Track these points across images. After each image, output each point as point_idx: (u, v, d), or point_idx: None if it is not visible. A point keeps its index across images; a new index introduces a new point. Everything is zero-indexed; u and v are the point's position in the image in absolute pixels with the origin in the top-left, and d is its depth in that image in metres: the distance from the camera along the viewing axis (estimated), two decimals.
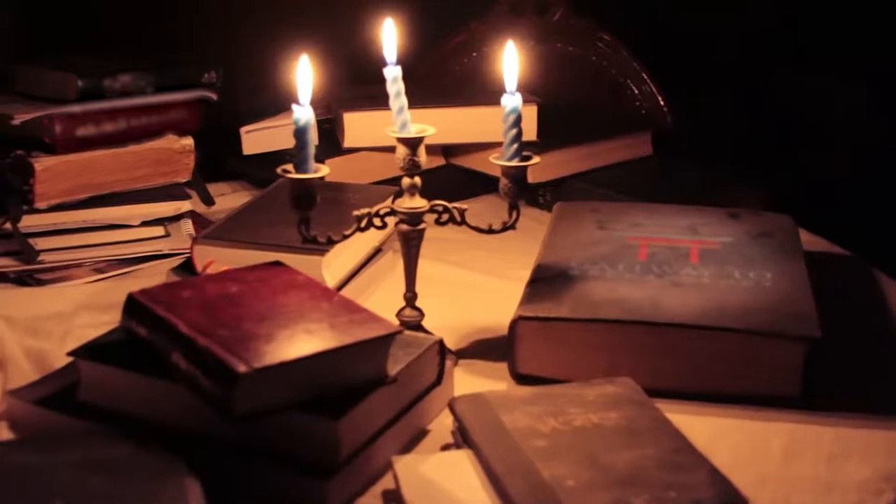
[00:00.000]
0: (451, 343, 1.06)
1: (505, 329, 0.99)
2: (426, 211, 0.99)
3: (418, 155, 0.97)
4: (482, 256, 1.27)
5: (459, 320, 1.11)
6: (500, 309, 1.05)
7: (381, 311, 1.03)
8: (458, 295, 1.17)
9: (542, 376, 0.98)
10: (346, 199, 1.20)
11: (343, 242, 1.02)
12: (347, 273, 1.12)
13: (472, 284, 1.19)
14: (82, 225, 1.22)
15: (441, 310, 1.13)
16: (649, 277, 1.04)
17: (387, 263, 1.21)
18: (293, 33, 1.52)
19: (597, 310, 0.98)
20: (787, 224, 1.19)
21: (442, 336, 1.05)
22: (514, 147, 0.99)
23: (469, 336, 1.08)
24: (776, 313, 0.97)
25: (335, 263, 1.09)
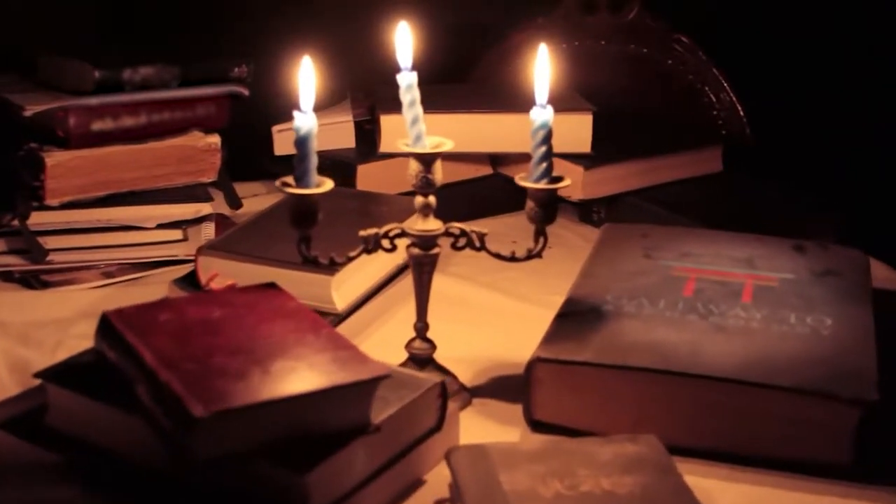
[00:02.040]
0: (467, 378, 0.96)
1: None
2: (440, 234, 0.89)
3: (433, 172, 0.87)
4: (519, 278, 1.16)
5: (480, 352, 1.01)
6: (527, 341, 0.94)
7: (393, 340, 0.95)
8: (484, 321, 1.07)
9: (560, 424, 0.88)
10: (374, 210, 1.10)
11: (358, 261, 0.93)
12: (361, 295, 1.02)
13: (502, 310, 1.09)
14: (95, 225, 1.14)
15: (461, 338, 1.03)
16: (692, 318, 0.93)
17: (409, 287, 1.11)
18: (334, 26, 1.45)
19: (625, 355, 0.87)
20: (858, 260, 1.06)
21: (456, 371, 0.96)
22: (543, 167, 0.89)
23: (488, 371, 0.98)
24: (830, 369, 0.85)
25: (347, 284, 1.00)
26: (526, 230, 1.32)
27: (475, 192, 1.30)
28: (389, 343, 0.97)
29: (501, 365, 0.99)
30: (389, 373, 0.74)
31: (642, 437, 0.82)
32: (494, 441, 0.83)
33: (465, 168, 1.29)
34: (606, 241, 1.10)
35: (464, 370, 0.98)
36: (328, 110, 1.30)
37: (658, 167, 1.29)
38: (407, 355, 0.92)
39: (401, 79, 0.87)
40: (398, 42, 0.87)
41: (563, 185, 0.89)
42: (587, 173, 1.23)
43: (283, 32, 1.36)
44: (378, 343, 0.98)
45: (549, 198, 0.89)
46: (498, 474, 0.76)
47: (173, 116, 1.20)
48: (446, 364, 0.97)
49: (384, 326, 1.03)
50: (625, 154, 1.28)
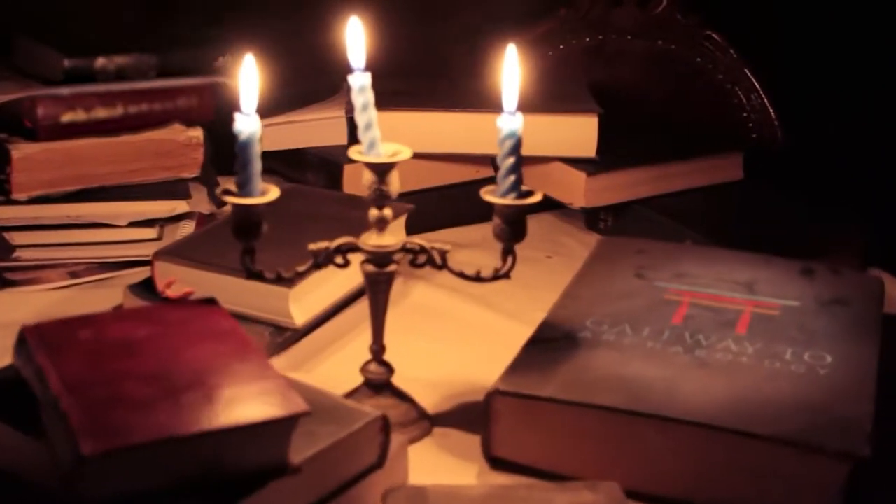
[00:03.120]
0: (431, 404, 0.88)
1: None
2: (397, 250, 0.82)
3: (388, 183, 0.80)
4: (512, 291, 1.08)
5: (450, 374, 0.93)
6: (502, 363, 0.87)
7: (356, 360, 0.88)
8: (462, 339, 0.99)
9: (521, 463, 0.80)
10: (354, 216, 1.02)
11: (323, 272, 0.86)
12: (325, 309, 0.95)
13: (485, 327, 1.01)
14: (65, 221, 1.09)
15: (433, 357, 0.96)
16: (675, 350, 0.84)
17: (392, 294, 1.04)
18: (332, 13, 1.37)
19: (592, 391, 0.79)
20: (872, 287, 0.96)
21: (421, 395, 0.89)
22: (511, 180, 0.80)
23: (456, 397, 0.90)
24: (820, 416, 0.76)
25: (308, 297, 0.93)
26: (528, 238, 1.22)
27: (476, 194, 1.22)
28: (352, 363, 0.90)
29: (472, 390, 0.90)
30: (309, 410, 0.67)
31: (603, 484, 0.74)
32: (440, 483, 0.76)
33: (465, 170, 1.21)
34: (599, 256, 1.01)
35: (429, 394, 0.90)
36: (320, 104, 1.24)
37: (671, 174, 1.20)
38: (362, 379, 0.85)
39: (353, 80, 0.79)
40: (349, 39, 0.80)
41: (532, 202, 0.81)
42: (590, 179, 1.15)
43: (278, 19, 1.30)
44: (339, 362, 0.91)
45: (517, 214, 0.81)
46: None
47: (152, 108, 1.13)
48: (411, 386, 0.90)
49: (350, 345, 0.96)
50: (634, 159, 1.19)
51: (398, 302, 1.05)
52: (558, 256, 1.16)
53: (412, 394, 0.88)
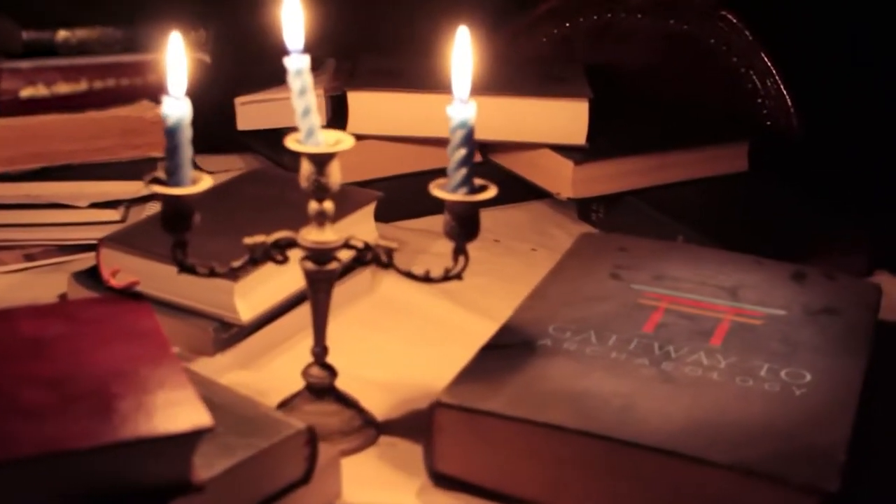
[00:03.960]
0: (382, 409, 0.82)
1: None
2: (339, 247, 0.76)
3: (327, 175, 0.74)
4: (487, 285, 1.02)
5: (407, 377, 0.87)
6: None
7: (307, 359, 0.83)
8: (425, 337, 0.93)
9: (466, 480, 0.74)
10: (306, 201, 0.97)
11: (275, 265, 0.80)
12: (277, 304, 0.89)
13: (452, 324, 0.95)
14: (23, 201, 1.04)
15: (390, 358, 0.90)
16: (641, 361, 0.78)
17: (359, 286, 0.99)
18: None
19: (541, 407, 0.72)
20: (867, 295, 0.88)
21: (372, 399, 0.83)
22: (462, 174, 0.74)
23: (408, 402, 0.84)
24: (790, 443, 0.69)
25: (257, 291, 0.87)
26: (515, 228, 1.19)
27: None
28: (305, 362, 0.85)
29: (429, 395, 0.83)
30: (212, 426, 0.61)
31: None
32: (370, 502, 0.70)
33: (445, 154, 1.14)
34: (576, 253, 0.94)
35: (382, 399, 0.84)
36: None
37: (669, 164, 1.12)
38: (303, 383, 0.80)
39: (289, 63, 0.73)
40: (286, 19, 0.73)
41: (485, 198, 0.74)
42: (578, 168, 1.07)
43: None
44: (290, 361, 0.85)
45: (468, 211, 0.74)
46: None
47: (119, 84, 1.08)
48: (362, 389, 0.84)
49: (303, 343, 0.89)
50: (628, 148, 1.11)
51: (364, 295, 1.00)
52: (544, 249, 1.10)
53: (363, 397, 0.83)
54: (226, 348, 0.86)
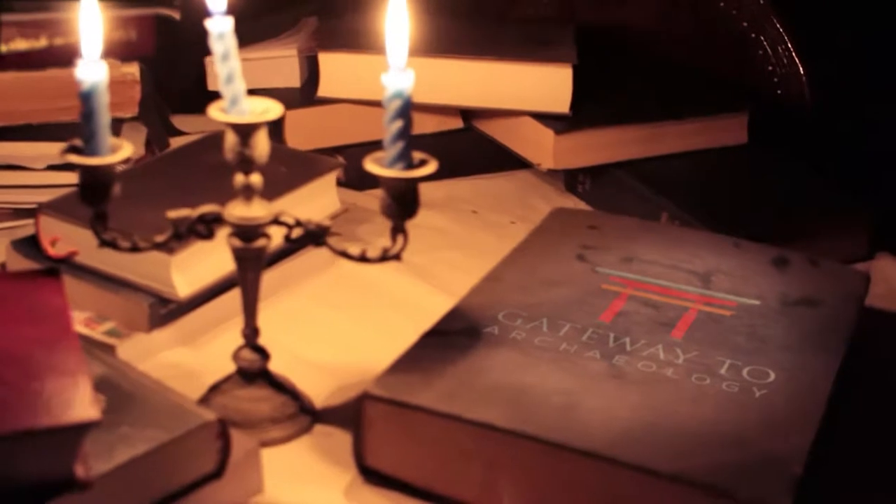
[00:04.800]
0: (323, 395, 0.78)
1: None
2: (268, 223, 0.71)
3: (252, 146, 0.69)
4: (458, 261, 0.96)
5: (357, 360, 0.82)
6: None
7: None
8: (383, 317, 0.88)
9: (396, 477, 0.69)
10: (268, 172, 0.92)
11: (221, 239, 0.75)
12: (220, 280, 0.84)
13: (413, 302, 0.89)
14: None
15: (342, 339, 0.85)
16: (591, 354, 0.72)
17: (318, 259, 0.93)
18: None
19: (475, 403, 0.67)
20: (853, 285, 0.82)
21: (314, 384, 0.78)
22: (399, 148, 0.68)
23: (353, 388, 0.78)
24: (742, 451, 0.63)
25: (199, 266, 0.82)
26: (496, 198, 1.13)
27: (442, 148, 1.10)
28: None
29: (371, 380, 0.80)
30: (98, 419, 0.57)
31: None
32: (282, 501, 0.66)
33: (427, 120, 1.08)
34: (545, 230, 0.88)
35: (324, 384, 0.79)
36: (272, 42, 1.12)
37: (660, 135, 1.05)
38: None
39: (211, 25, 0.68)
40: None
41: (423, 174, 0.69)
42: (559, 138, 1.01)
43: None
44: (229, 342, 0.78)
45: (405, 188, 0.69)
46: None
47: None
48: (305, 373, 0.79)
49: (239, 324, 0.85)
50: (615, 117, 1.04)
51: (323, 270, 0.94)
52: (524, 223, 1.04)
53: (305, 381, 0.78)
54: (163, 324, 0.81)
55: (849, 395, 0.76)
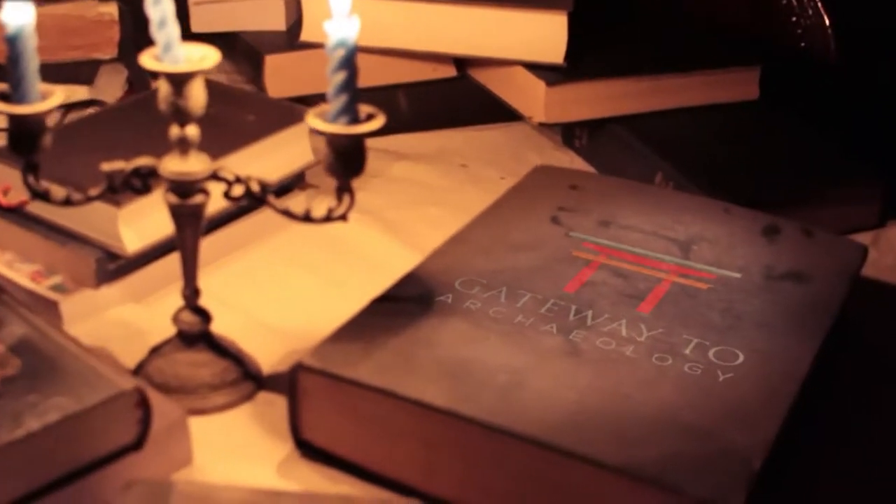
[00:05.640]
0: (273, 360, 0.73)
1: None
2: (206, 178, 0.67)
3: (187, 96, 0.64)
4: (437, 218, 0.91)
5: (312, 323, 0.77)
6: None
7: (208, 295, 0.74)
8: (351, 278, 0.83)
9: (333, 453, 0.65)
10: (234, 120, 0.87)
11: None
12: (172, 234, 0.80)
13: (382, 261, 0.84)
14: None
15: (301, 299, 0.81)
16: (548, 328, 0.67)
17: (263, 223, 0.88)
18: None
19: (412, 378, 0.62)
20: (848, 259, 0.75)
21: (264, 349, 0.74)
22: (343, 101, 0.63)
23: (303, 353, 0.75)
24: (696, 443, 0.58)
25: (150, 220, 0.77)
26: (489, 151, 1.07)
27: (434, 97, 1.05)
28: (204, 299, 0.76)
29: None
30: None
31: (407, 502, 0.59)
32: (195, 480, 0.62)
33: (420, 68, 1.03)
34: (521, 189, 0.83)
35: (276, 348, 0.75)
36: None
37: (662, 89, 0.99)
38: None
39: None
40: None
41: (368, 130, 0.64)
42: (551, 90, 0.95)
43: None
44: (179, 303, 0.76)
45: (349, 145, 0.64)
46: None
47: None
48: (259, 336, 0.75)
49: (208, 277, 0.79)
50: (612, 69, 0.98)
51: (291, 226, 0.89)
52: (515, 178, 0.98)
53: (259, 345, 0.74)
54: (111, 281, 0.77)
55: (835, 380, 0.71)
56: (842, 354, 0.73)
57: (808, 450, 0.65)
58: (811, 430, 0.66)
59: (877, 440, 0.68)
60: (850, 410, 0.70)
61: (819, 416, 0.68)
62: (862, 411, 0.70)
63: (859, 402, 0.71)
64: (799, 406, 0.63)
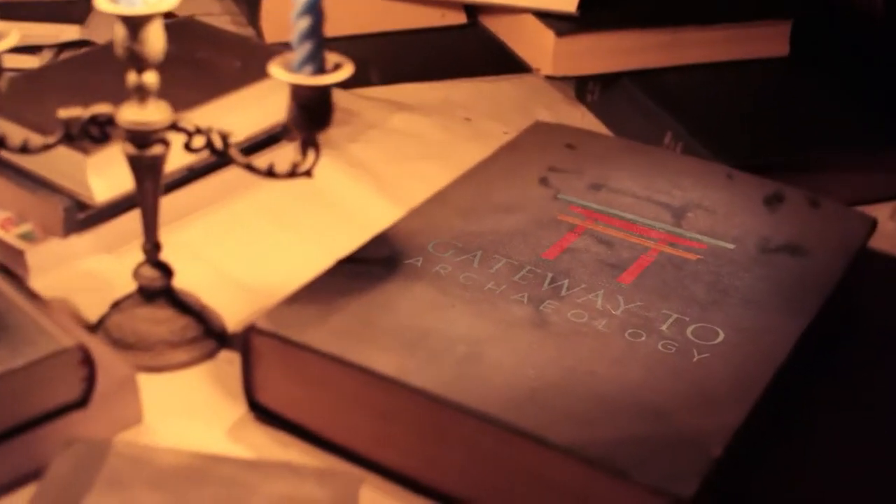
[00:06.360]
0: (240, 318, 0.70)
1: None
2: (164, 128, 0.63)
3: (143, 41, 0.61)
4: (432, 173, 0.86)
5: (287, 281, 0.73)
6: None
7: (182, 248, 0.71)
8: (329, 233, 0.79)
9: (286, 417, 0.62)
10: (225, 63, 0.84)
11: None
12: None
13: (369, 218, 0.79)
14: None
15: (278, 255, 0.78)
16: (518, 298, 0.63)
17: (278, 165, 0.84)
18: None
19: (367, 346, 0.59)
20: (853, 234, 0.70)
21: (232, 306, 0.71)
22: (307, 49, 0.59)
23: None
24: (655, 426, 0.54)
25: (120, 169, 0.74)
26: (496, 104, 1.03)
27: (443, 45, 1.01)
28: (177, 251, 0.72)
29: None
30: None
31: (342, 477, 0.55)
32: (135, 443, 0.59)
33: (427, 13, 0.98)
34: (515, 147, 0.79)
35: (244, 305, 0.72)
36: None
37: (680, 42, 0.94)
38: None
39: None
40: None
41: (334, 81, 0.60)
42: (560, 41, 0.90)
43: None
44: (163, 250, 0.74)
45: (313, 96, 0.60)
46: (82, 498, 0.53)
47: None
48: (227, 292, 0.73)
49: (178, 232, 0.77)
50: (628, 20, 0.92)
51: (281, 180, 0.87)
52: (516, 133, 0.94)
53: (228, 303, 0.71)
54: (80, 230, 0.75)
55: (834, 362, 0.67)
56: (844, 334, 0.69)
57: (794, 437, 0.61)
58: (799, 415, 0.62)
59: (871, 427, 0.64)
60: (846, 395, 0.66)
61: (810, 400, 0.64)
62: (859, 396, 0.66)
63: (858, 385, 0.67)
64: (779, 390, 0.59)
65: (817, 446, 0.62)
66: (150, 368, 0.66)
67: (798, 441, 0.62)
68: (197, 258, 0.76)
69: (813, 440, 0.62)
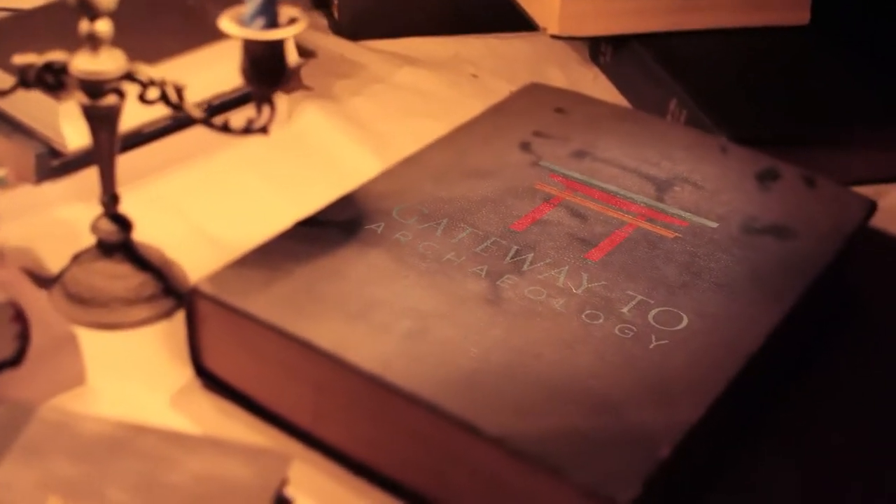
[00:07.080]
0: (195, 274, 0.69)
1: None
2: (118, 78, 0.61)
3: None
4: (429, 130, 0.81)
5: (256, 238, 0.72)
6: None
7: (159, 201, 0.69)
8: (306, 190, 0.76)
9: (232, 386, 0.60)
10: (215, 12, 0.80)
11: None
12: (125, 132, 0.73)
13: (349, 176, 0.75)
14: None
15: (258, 211, 0.75)
16: (475, 271, 0.60)
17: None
18: None
19: (307, 316, 0.56)
20: (848, 217, 0.66)
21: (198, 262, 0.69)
22: (258, 2, 0.57)
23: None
24: (599, 419, 0.51)
25: None
26: (506, 62, 0.99)
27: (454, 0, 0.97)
28: (153, 206, 0.71)
29: None
30: None
31: (269, 455, 0.53)
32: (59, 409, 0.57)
33: None
34: (502, 108, 0.75)
35: (213, 263, 0.70)
36: None
37: (695, 6, 0.89)
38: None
39: None
40: None
41: (285, 35, 0.57)
42: (567, 1, 0.86)
43: None
44: (127, 205, 0.69)
45: (264, 52, 0.57)
46: None
47: None
48: (198, 249, 0.71)
49: (158, 183, 0.75)
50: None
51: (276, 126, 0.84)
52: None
53: (195, 259, 0.69)
54: (53, 178, 0.73)
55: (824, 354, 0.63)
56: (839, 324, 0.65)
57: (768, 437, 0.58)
58: (777, 413, 0.58)
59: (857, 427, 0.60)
60: (833, 390, 0.62)
61: (791, 397, 0.60)
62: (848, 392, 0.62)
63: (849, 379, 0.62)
64: (750, 384, 0.55)
65: (796, 447, 0.58)
66: (104, 326, 0.64)
67: (770, 442, 0.58)
68: (172, 211, 0.74)
69: (790, 441, 0.58)
